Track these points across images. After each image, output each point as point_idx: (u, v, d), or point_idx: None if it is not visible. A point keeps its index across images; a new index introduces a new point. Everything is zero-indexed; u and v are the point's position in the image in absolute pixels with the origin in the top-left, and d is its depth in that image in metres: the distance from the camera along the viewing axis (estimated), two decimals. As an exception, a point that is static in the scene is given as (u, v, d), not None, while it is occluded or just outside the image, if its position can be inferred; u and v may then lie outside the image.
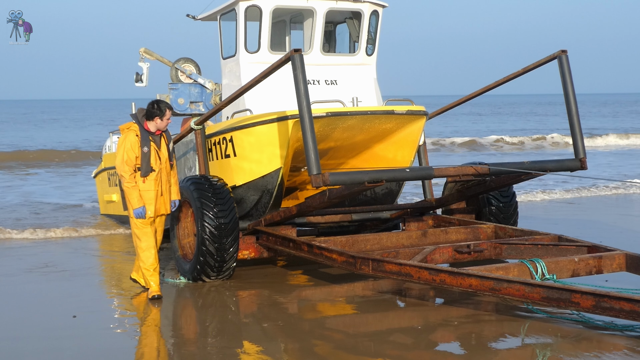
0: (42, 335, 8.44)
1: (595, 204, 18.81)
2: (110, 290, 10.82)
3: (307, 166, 8.97)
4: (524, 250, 10.08)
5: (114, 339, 8.30)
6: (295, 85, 9.09)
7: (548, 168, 10.58)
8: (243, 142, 10.67)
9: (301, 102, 9.04)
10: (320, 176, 8.96)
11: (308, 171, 8.98)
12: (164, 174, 9.79)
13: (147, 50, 13.49)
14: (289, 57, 9.21)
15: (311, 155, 8.96)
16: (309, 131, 8.98)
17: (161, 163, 9.74)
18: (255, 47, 11.65)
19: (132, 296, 10.13)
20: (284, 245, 10.52)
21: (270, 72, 9.78)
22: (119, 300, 10.08)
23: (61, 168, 31.94)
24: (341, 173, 9.19)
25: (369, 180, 9.15)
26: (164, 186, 9.80)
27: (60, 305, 9.78)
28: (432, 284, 8.69)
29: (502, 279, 8.18)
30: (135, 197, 9.63)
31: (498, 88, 11.78)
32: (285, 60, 9.39)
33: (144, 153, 9.58)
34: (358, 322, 8.78)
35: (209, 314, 9.34)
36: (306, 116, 9.02)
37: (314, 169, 8.94)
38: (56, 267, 12.18)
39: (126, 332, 8.60)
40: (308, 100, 9.06)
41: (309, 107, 9.06)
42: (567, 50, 10.75)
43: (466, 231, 11.16)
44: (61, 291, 10.58)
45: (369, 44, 12.20)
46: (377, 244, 10.63)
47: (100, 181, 17.04)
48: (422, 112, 10.76)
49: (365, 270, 9.20)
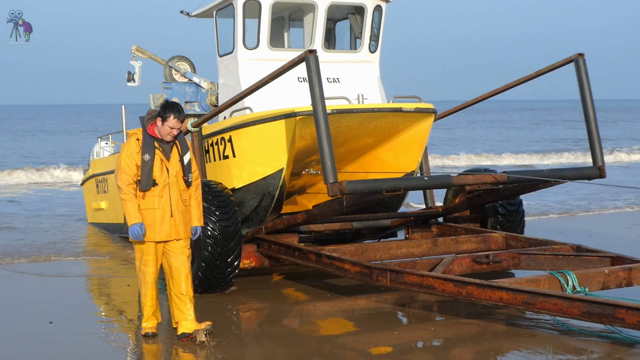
0: (18, 341, 8.18)
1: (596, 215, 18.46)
2: (88, 296, 10.49)
3: (323, 174, 8.57)
4: (544, 261, 9.63)
5: (91, 345, 8.06)
6: (310, 88, 8.63)
7: (567, 176, 10.24)
8: (243, 142, 10.16)
9: (317, 106, 8.57)
10: (337, 184, 8.56)
11: (324, 179, 8.58)
12: (174, 190, 7.84)
13: (139, 48, 12.95)
14: (303, 58, 8.73)
15: (327, 162, 8.53)
16: (325, 137, 8.52)
17: (169, 177, 7.83)
18: (254, 43, 11.16)
19: (111, 302, 9.84)
20: (289, 254, 9.96)
21: (282, 72, 9.29)
22: (98, 306, 9.77)
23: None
24: (359, 182, 8.81)
25: (387, 189, 8.84)
26: (175, 206, 7.84)
27: (36, 310, 9.48)
28: (458, 297, 8.21)
29: (537, 293, 7.68)
30: (131, 210, 7.68)
31: (509, 92, 11.34)
32: (299, 61, 8.89)
33: (145, 161, 7.72)
34: (368, 339, 8.23)
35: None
36: (322, 121, 8.53)
37: (331, 176, 8.54)
38: (32, 272, 11.86)
39: (103, 338, 8.34)
40: (324, 104, 8.60)
41: (324, 111, 8.58)
42: (584, 54, 10.37)
43: (477, 240, 10.74)
44: (37, 297, 10.27)
45: (372, 40, 11.80)
46: (387, 253, 10.18)
47: (87, 189, 16.41)
48: (431, 110, 10.36)
49: (382, 281, 8.71)
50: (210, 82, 12.60)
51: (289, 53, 11.18)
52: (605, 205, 19.50)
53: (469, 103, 11.92)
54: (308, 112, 9.32)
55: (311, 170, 10.63)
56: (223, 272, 9.69)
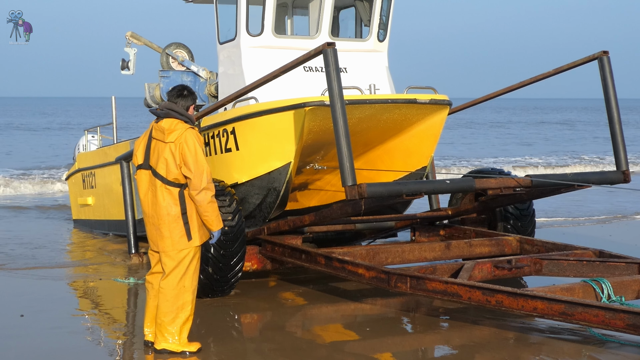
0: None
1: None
2: (60, 289, 10.28)
3: (342, 176, 8.02)
4: (567, 267, 9.11)
5: (62, 338, 7.95)
6: (328, 84, 8.06)
7: (591, 180, 9.81)
8: (248, 134, 9.52)
9: (334, 103, 7.98)
10: (356, 187, 8.01)
11: (342, 182, 8.02)
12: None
13: (134, 34, 12.28)
14: (321, 51, 8.15)
15: (346, 163, 7.97)
16: (344, 137, 7.96)
17: None
18: (258, 29, 10.48)
19: (83, 295, 9.77)
20: (294, 257, 9.35)
21: (297, 64, 8.70)
22: (70, 300, 9.64)
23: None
24: (378, 185, 8.32)
25: (408, 192, 8.39)
26: None
27: (7, 304, 9.38)
28: (486, 306, 7.64)
29: (577, 303, 7.11)
30: (218, 212, 7.10)
31: (527, 90, 10.81)
32: (316, 54, 8.31)
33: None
34: (375, 345, 7.80)
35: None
36: (340, 119, 7.96)
37: (349, 179, 7.99)
38: (3, 265, 11.63)
39: (76, 332, 8.19)
40: (342, 102, 8.01)
41: (343, 109, 8.00)
42: (608, 51, 9.89)
43: (491, 243, 10.19)
44: (8, 289, 10.12)
45: (381, 29, 11.22)
46: (400, 257, 9.61)
47: (73, 183, 15.65)
48: (446, 102, 9.86)
49: (401, 288, 8.14)
50: (209, 71, 11.96)
51: (294, 41, 10.65)
52: (625, 211, 18.21)
53: (482, 99, 11.38)
54: (318, 103, 8.78)
55: (316, 166, 10.11)
56: (226, 275, 9.03)
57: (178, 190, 6.91)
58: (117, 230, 13.67)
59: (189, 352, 7.13)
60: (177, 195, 6.90)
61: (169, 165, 6.88)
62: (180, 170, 6.88)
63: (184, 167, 6.86)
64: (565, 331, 7.92)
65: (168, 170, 6.89)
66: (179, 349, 7.10)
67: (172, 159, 6.87)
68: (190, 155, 6.84)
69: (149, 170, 7.02)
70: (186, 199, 6.90)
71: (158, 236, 6.98)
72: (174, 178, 6.90)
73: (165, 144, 6.91)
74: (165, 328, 7.05)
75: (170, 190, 6.91)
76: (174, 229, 6.90)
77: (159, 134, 6.99)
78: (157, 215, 6.95)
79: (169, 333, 7.06)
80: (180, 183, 6.92)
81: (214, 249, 8.87)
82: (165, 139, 6.92)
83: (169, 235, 6.92)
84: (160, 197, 6.91)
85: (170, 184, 6.90)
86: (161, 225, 6.93)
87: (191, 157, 6.83)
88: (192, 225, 6.93)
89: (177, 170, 6.88)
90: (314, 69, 10.46)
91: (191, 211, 6.93)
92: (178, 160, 6.87)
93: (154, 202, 6.96)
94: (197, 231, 6.98)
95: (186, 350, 7.12)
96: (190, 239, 6.95)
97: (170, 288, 6.99)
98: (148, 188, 7.03)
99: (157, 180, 6.94)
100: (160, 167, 6.91)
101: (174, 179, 6.90)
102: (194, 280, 7.10)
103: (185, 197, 6.91)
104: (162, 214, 6.91)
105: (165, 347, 7.09)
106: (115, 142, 13.40)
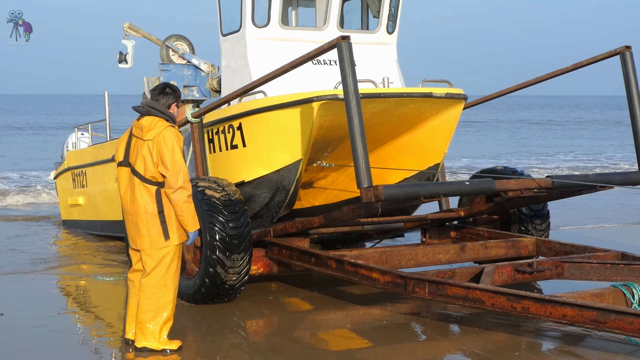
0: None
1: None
2: (41, 288, 10.18)
3: (357, 178, 7.59)
4: (590, 270, 8.68)
5: (43, 337, 7.90)
6: (342, 80, 7.61)
7: (614, 181, 9.42)
8: (256, 129, 9.07)
9: (349, 100, 7.54)
10: (372, 189, 7.58)
11: (358, 184, 7.59)
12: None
13: (132, 25, 11.85)
14: (334, 45, 7.72)
15: (361, 164, 7.54)
16: (359, 135, 7.52)
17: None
18: (264, 20, 10.01)
19: (65, 294, 9.75)
20: (303, 260, 8.88)
21: (309, 58, 8.30)
22: (52, 299, 9.56)
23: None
24: (395, 186, 7.89)
25: (425, 194, 7.99)
26: None
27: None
28: (511, 313, 7.22)
29: (610, 310, 6.68)
30: (194, 213, 7.07)
31: (544, 86, 10.39)
32: (329, 48, 7.89)
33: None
34: (391, 352, 7.48)
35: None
36: (356, 117, 7.52)
37: (365, 180, 7.56)
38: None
39: (56, 331, 8.15)
40: (358, 99, 7.57)
41: (359, 106, 7.55)
42: (631, 46, 9.51)
43: (506, 245, 9.76)
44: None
45: (390, 20, 10.77)
46: (413, 260, 9.17)
47: (62, 183, 15.07)
48: (462, 96, 9.47)
49: (419, 293, 7.71)
50: (210, 65, 11.52)
51: (301, 32, 10.20)
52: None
53: (499, 94, 10.95)
54: (332, 97, 8.36)
55: (323, 163, 9.70)
56: (232, 280, 8.60)
57: (155, 188, 6.93)
58: (111, 230, 13.21)
59: (170, 350, 7.15)
60: (155, 194, 6.93)
61: (146, 163, 6.90)
62: (157, 168, 6.90)
63: (160, 165, 6.88)
64: (586, 336, 7.62)
65: (146, 168, 6.91)
66: (159, 347, 7.12)
67: (150, 156, 6.90)
68: (168, 153, 6.85)
69: (128, 168, 7.07)
70: (163, 198, 6.92)
71: (136, 234, 7.02)
72: (151, 176, 6.92)
73: (144, 142, 6.94)
74: (145, 326, 7.07)
75: (148, 188, 6.93)
76: (151, 226, 6.93)
77: (138, 131, 7.02)
78: (135, 213, 6.99)
79: (149, 331, 7.09)
80: (158, 181, 6.93)
81: (219, 251, 8.43)
82: (144, 136, 6.95)
83: (147, 233, 6.95)
84: (139, 195, 6.94)
85: (148, 182, 6.93)
86: (139, 223, 6.97)
87: (168, 156, 6.85)
88: (169, 224, 6.94)
89: (155, 169, 6.90)
90: (322, 62, 10.06)
91: (169, 210, 6.93)
92: (155, 158, 6.89)
93: (132, 199, 7.01)
94: (176, 230, 6.98)
95: (167, 348, 7.14)
96: (168, 237, 6.95)
97: (151, 286, 7.01)
98: (127, 186, 7.07)
99: (135, 177, 6.97)
100: (139, 165, 6.94)
101: (151, 177, 6.92)
102: (176, 280, 7.13)
103: (163, 196, 6.93)
104: (140, 212, 6.95)
105: (146, 345, 7.12)
106: (109, 140, 12.93)
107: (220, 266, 8.46)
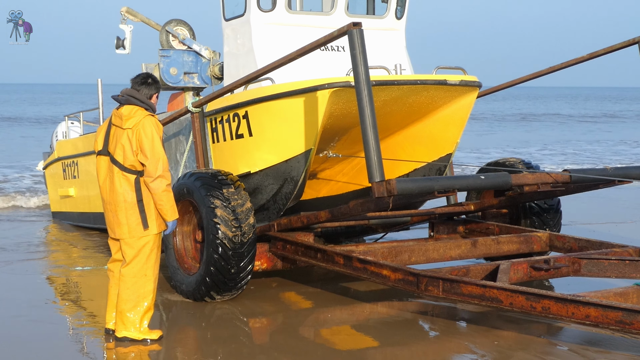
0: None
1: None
2: (22, 278, 10.13)
3: (368, 171, 7.29)
4: (608, 267, 8.34)
5: (23, 326, 7.92)
6: (353, 68, 7.30)
7: (632, 175, 9.14)
8: (263, 118, 8.73)
9: (361, 90, 7.21)
10: (384, 184, 7.25)
11: (369, 177, 7.28)
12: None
13: (130, 10, 11.52)
14: (345, 32, 7.40)
15: (373, 157, 7.21)
16: (371, 127, 7.18)
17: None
18: (269, 4, 9.71)
19: (46, 284, 9.77)
20: (309, 256, 8.55)
21: (319, 45, 7.99)
22: (32, 289, 9.55)
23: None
24: (409, 181, 7.55)
25: (440, 189, 7.68)
26: None
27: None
28: (530, 312, 6.87)
29: (637, 311, 6.32)
30: (173, 202, 7.13)
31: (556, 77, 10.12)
32: (340, 35, 7.57)
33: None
34: (400, 352, 7.22)
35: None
36: (367, 107, 7.19)
37: (377, 175, 7.23)
38: None
39: (36, 321, 8.16)
40: (370, 88, 7.23)
41: (371, 96, 7.21)
42: None
43: (519, 240, 9.42)
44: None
45: (399, 5, 10.49)
46: (424, 256, 8.82)
47: (51, 174, 14.68)
48: (476, 84, 9.19)
49: (433, 292, 7.37)
50: (212, 51, 11.18)
51: (308, 17, 9.87)
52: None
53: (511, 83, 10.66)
54: (344, 84, 8.04)
55: (330, 153, 9.38)
56: (235, 277, 8.26)
57: (135, 177, 6.96)
58: (104, 223, 12.81)
59: (150, 340, 7.18)
60: (134, 182, 6.96)
61: (125, 151, 6.93)
62: (136, 157, 6.93)
63: (140, 153, 6.91)
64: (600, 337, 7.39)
65: (125, 156, 6.93)
66: (140, 337, 7.15)
67: (129, 145, 6.93)
68: (147, 142, 6.89)
69: (107, 157, 7.08)
70: (142, 187, 6.96)
71: (115, 223, 7.05)
72: (130, 165, 6.95)
73: (123, 130, 6.98)
74: (126, 316, 7.10)
75: (127, 177, 6.96)
76: (130, 215, 6.96)
77: (117, 120, 7.05)
78: (114, 202, 7.01)
79: (129, 321, 7.11)
80: (137, 170, 6.97)
81: (221, 247, 8.09)
82: (123, 125, 6.98)
83: (125, 222, 6.98)
84: (117, 184, 6.97)
85: (127, 170, 6.96)
86: (118, 212, 7.00)
87: (148, 144, 6.89)
88: (148, 213, 6.98)
89: (134, 157, 6.93)
90: (330, 48, 9.76)
91: (148, 199, 6.97)
92: (135, 146, 6.92)
93: (111, 188, 7.02)
94: (155, 220, 7.02)
95: (147, 338, 7.17)
96: (147, 227, 6.98)
97: (131, 276, 7.03)
98: (107, 175, 7.10)
99: (114, 166, 7.00)
100: (118, 154, 6.96)
101: (130, 166, 6.95)
102: (156, 269, 7.15)
103: (142, 185, 6.96)
104: (118, 201, 6.98)
105: (126, 335, 7.16)
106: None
107: (223, 263, 8.12)
